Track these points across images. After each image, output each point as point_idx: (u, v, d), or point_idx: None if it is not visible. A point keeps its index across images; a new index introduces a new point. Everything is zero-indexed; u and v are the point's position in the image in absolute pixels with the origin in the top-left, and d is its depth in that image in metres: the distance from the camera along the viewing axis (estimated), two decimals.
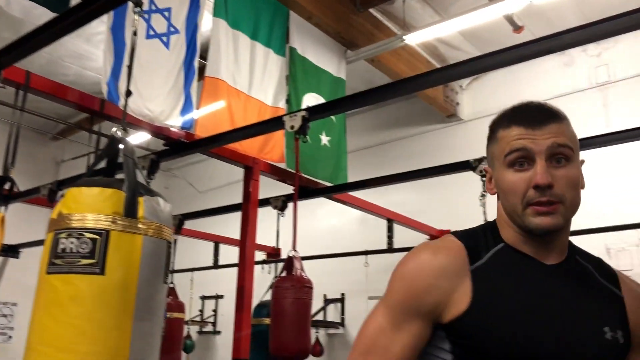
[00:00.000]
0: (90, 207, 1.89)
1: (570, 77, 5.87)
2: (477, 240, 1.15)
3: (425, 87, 2.89)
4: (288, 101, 4.46)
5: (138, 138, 6.13)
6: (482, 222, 1.30)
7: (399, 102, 6.96)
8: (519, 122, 1.08)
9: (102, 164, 2.23)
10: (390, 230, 5.91)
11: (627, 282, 1.17)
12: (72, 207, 1.90)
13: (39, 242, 6.51)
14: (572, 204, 1.07)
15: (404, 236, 5.93)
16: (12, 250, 5.78)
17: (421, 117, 6.86)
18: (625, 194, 5.22)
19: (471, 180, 3.85)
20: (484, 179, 3.46)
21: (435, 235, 6.05)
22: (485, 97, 6.40)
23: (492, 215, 1.26)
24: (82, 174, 4.26)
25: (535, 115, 1.08)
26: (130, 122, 3.33)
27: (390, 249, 5.60)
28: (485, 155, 1.20)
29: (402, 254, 1.20)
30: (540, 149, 1.05)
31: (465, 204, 5.29)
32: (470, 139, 6.31)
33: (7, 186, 3.26)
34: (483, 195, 3.45)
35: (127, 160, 2.00)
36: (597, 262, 1.19)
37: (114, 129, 2.06)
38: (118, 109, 3.19)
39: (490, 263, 1.11)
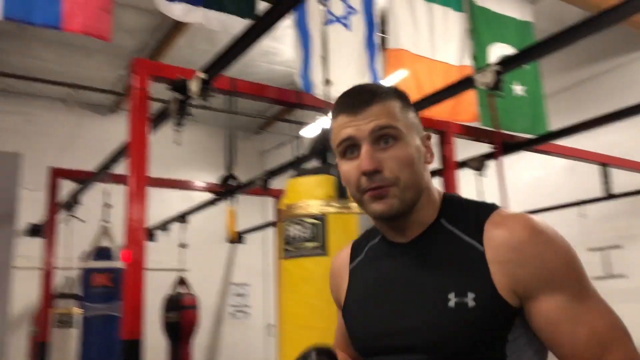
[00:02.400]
0: (307, 195, 2.05)
1: None
2: (364, 237, 1.20)
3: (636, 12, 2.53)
4: (475, 57, 4.27)
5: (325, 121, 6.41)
6: None
7: None
8: (343, 110, 1.05)
9: (305, 153, 2.37)
10: (605, 175, 5.37)
11: (492, 230, 1.00)
12: (292, 197, 2.07)
13: (258, 228, 7.25)
14: (407, 184, 1.02)
15: (625, 180, 5.34)
16: (238, 237, 6.50)
17: (623, 46, 6.05)
18: None
19: None
20: None
21: None
22: None
23: None
24: (288, 163, 4.59)
25: (356, 100, 1.04)
26: (324, 108, 3.51)
27: (610, 196, 5.08)
28: None
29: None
30: (363, 134, 1.02)
31: None
32: None
33: (231, 182, 3.66)
34: None
35: None
36: (469, 219, 1.04)
37: (319, 118, 2.17)
38: (312, 97, 3.36)
39: (365, 257, 1.16)
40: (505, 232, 0.97)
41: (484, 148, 4.40)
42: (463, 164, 4.49)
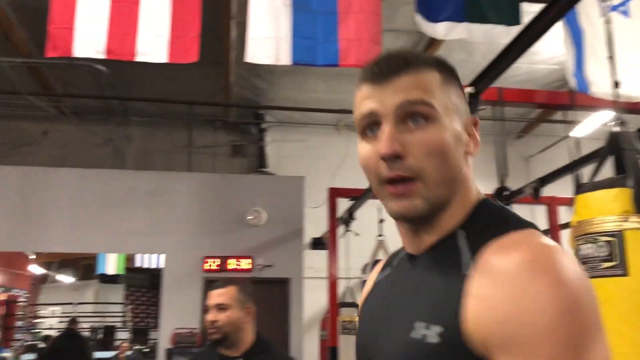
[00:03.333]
0: (599, 211, 1.92)
1: None
2: (401, 247, 0.97)
3: None
4: None
5: (597, 120, 5.75)
6: None
7: None
8: (366, 79, 0.83)
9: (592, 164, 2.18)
10: None
11: (490, 252, 0.72)
12: (583, 214, 1.95)
13: None
14: (436, 179, 0.78)
15: None
16: None
17: None
18: None
19: None
20: None
21: None
22: None
23: None
24: (563, 168, 4.27)
25: (384, 66, 0.81)
26: (597, 106, 3.19)
27: None
28: None
29: None
30: (387, 110, 0.79)
31: None
32: None
33: (505, 193, 3.58)
34: None
35: (628, 154, 1.91)
36: (485, 235, 0.76)
37: (610, 124, 2.01)
38: (584, 97, 3.11)
39: (391, 268, 0.97)
40: (499, 260, 0.70)
41: None
42: None
